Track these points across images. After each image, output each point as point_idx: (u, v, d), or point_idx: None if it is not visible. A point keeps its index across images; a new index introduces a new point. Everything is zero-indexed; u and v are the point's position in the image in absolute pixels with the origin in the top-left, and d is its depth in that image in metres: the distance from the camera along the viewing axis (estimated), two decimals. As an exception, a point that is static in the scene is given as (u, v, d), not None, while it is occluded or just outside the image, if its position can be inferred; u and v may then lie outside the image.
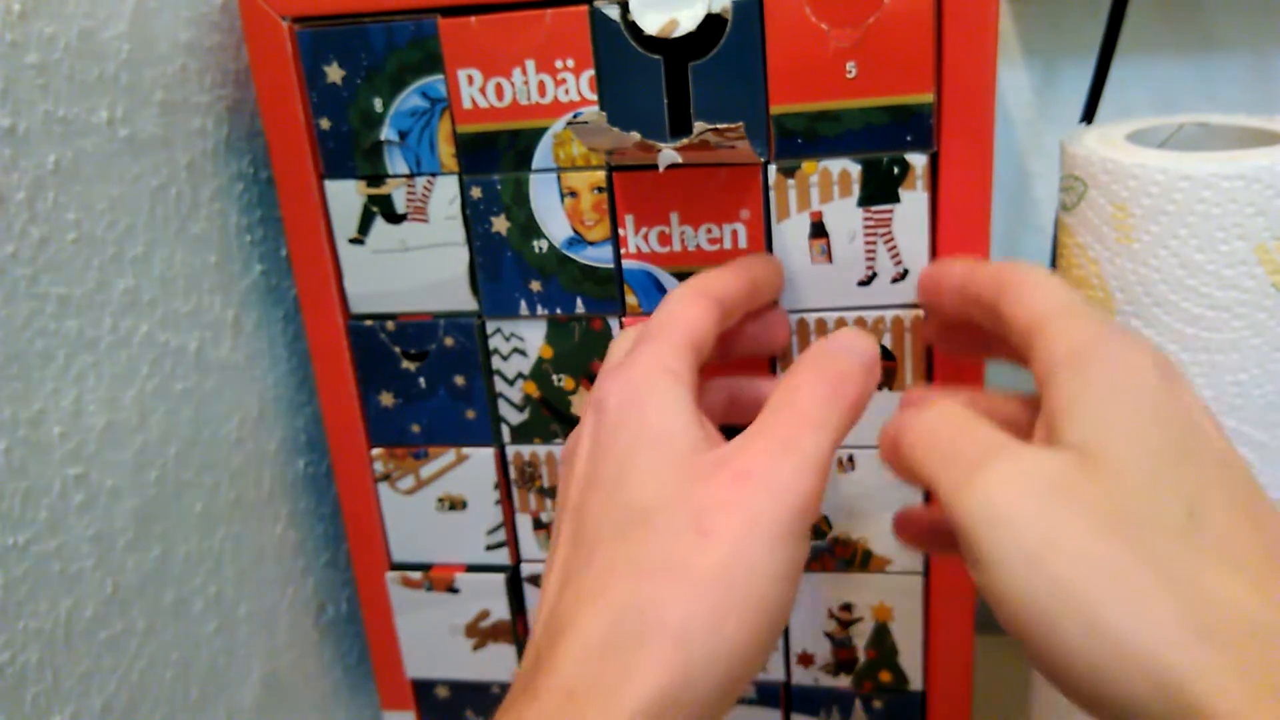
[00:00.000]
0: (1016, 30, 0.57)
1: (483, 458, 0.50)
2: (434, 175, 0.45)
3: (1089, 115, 0.52)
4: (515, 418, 0.49)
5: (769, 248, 0.43)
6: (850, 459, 0.46)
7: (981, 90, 0.39)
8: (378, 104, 0.44)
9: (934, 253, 0.42)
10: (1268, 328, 0.38)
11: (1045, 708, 0.48)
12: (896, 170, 0.41)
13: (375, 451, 0.51)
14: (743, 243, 0.43)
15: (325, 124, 0.45)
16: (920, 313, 0.43)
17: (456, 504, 0.51)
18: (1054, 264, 0.45)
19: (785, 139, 0.41)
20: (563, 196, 0.44)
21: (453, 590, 0.52)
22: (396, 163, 0.45)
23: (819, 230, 0.42)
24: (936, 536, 0.39)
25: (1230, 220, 0.37)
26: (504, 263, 0.46)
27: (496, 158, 0.44)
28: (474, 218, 0.45)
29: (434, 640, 0.53)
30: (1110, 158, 0.39)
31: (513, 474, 0.50)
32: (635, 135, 0.39)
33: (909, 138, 0.40)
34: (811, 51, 0.40)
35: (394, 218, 0.46)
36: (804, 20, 0.39)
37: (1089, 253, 0.40)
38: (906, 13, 0.39)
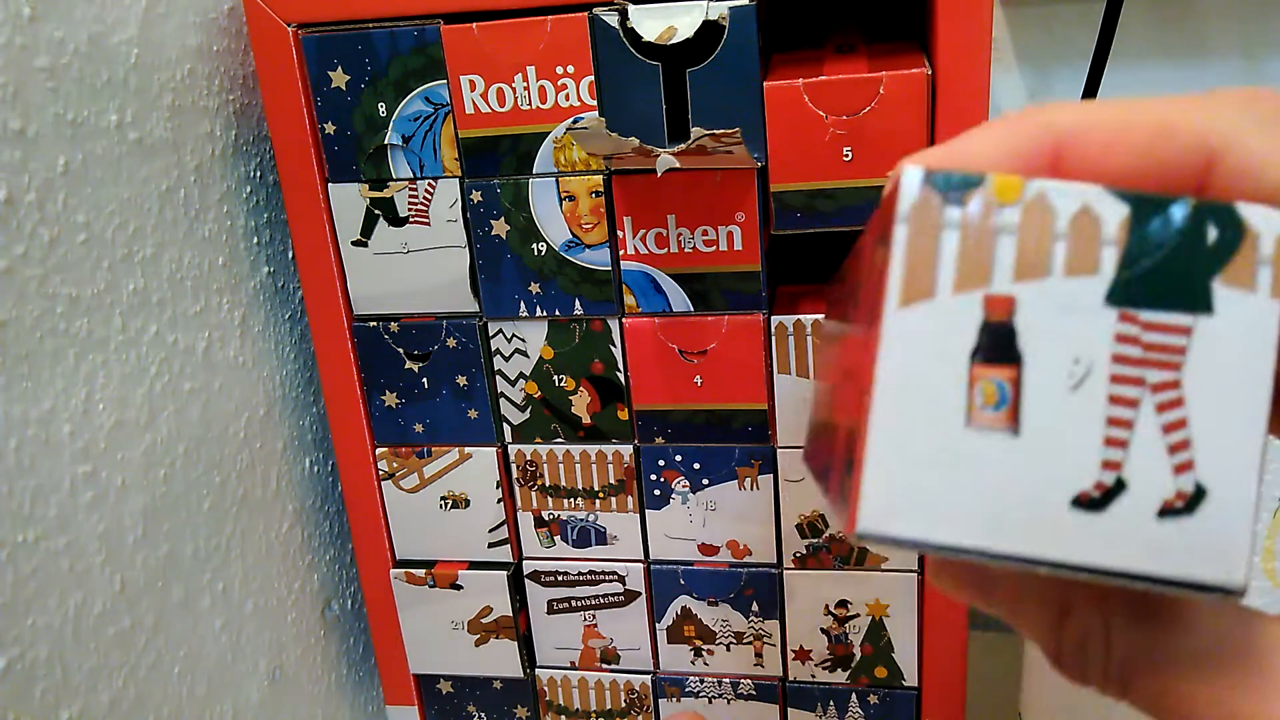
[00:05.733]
0: (1011, 37, 0.58)
1: (485, 456, 0.50)
2: (436, 179, 0.46)
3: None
4: (517, 417, 0.49)
5: (762, 261, 0.44)
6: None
7: None
8: (381, 109, 0.45)
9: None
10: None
11: (1037, 702, 0.49)
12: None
13: (379, 450, 0.51)
14: (738, 244, 0.43)
15: (330, 128, 0.46)
16: None
17: (459, 502, 0.52)
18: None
19: (784, 213, 0.43)
20: (561, 200, 0.45)
21: (455, 587, 0.53)
22: (400, 166, 0.46)
23: None
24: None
25: None
26: (504, 265, 0.46)
27: (498, 162, 0.45)
28: (474, 221, 0.46)
29: (437, 636, 0.54)
30: None
31: (514, 472, 0.50)
32: (634, 140, 0.40)
33: None
34: (810, 136, 0.41)
35: (396, 220, 0.47)
36: (803, 107, 0.41)
37: None
38: (901, 101, 0.40)
